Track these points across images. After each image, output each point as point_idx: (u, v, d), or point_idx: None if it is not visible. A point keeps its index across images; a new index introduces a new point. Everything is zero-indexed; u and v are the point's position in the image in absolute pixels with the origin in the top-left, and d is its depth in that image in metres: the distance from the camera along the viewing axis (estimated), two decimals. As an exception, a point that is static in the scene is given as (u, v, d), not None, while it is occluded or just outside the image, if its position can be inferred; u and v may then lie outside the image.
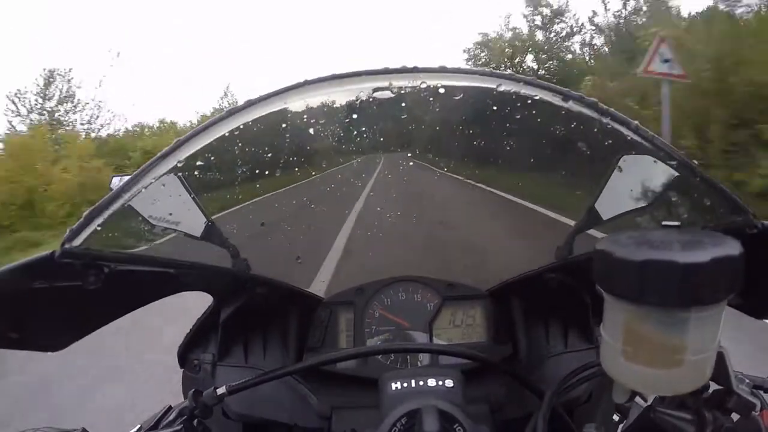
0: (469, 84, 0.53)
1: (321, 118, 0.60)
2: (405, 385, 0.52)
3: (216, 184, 0.62)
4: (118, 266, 0.50)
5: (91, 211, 0.47)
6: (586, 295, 0.67)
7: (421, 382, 0.52)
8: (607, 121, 0.49)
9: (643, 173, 0.52)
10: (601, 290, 0.37)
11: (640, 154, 0.51)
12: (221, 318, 0.68)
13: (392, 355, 0.74)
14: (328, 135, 0.64)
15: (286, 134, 0.60)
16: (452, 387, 0.52)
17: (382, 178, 0.80)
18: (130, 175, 0.49)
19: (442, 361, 0.70)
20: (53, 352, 0.53)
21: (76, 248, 0.46)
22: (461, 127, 0.65)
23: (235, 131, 0.52)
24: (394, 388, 0.52)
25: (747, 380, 0.43)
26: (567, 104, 0.50)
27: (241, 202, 0.67)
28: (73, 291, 0.48)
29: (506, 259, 0.88)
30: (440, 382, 0.52)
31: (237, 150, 0.58)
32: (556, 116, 0.52)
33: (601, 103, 0.49)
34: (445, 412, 0.48)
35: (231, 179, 0.63)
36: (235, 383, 0.56)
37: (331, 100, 0.56)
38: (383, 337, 0.76)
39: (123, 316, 0.56)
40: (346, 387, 0.69)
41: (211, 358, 0.69)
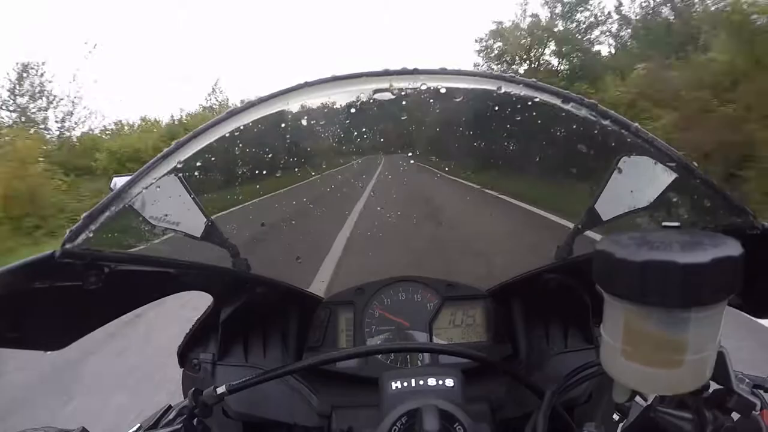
0: (470, 86, 0.53)
1: (321, 120, 0.60)
2: (405, 384, 0.52)
3: (216, 185, 0.62)
4: (118, 266, 0.49)
5: (92, 211, 0.47)
6: (586, 296, 0.67)
7: (422, 382, 0.52)
8: (607, 123, 0.49)
9: (643, 174, 0.52)
10: (601, 290, 0.37)
11: (640, 156, 0.51)
12: (221, 317, 0.68)
13: (392, 355, 0.74)
14: (328, 136, 0.64)
15: (287, 135, 0.60)
16: (452, 386, 0.52)
17: (383, 179, 0.80)
18: (131, 176, 0.49)
19: (442, 361, 0.71)
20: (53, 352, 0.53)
21: (77, 248, 0.46)
22: (461, 128, 0.65)
23: (235, 132, 0.53)
24: (394, 388, 0.52)
25: (747, 380, 0.43)
26: (567, 106, 0.50)
27: (241, 203, 0.67)
28: (73, 291, 0.48)
29: (506, 260, 0.88)
30: (440, 382, 0.52)
31: (237, 151, 0.58)
32: (557, 118, 0.52)
33: (601, 105, 0.49)
34: (445, 412, 0.48)
35: (231, 180, 0.63)
36: (235, 382, 0.56)
37: (331, 102, 0.56)
38: (383, 337, 0.76)
39: (122, 316, 0.56)
40: (346, 386, 0.69)
41: (211, 358, 0.69)
